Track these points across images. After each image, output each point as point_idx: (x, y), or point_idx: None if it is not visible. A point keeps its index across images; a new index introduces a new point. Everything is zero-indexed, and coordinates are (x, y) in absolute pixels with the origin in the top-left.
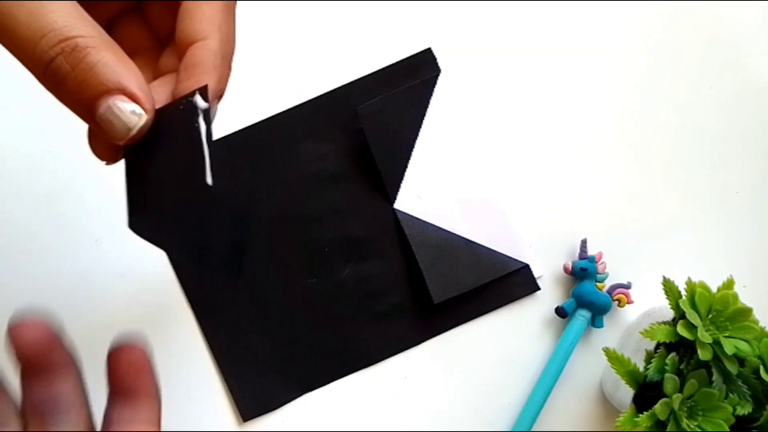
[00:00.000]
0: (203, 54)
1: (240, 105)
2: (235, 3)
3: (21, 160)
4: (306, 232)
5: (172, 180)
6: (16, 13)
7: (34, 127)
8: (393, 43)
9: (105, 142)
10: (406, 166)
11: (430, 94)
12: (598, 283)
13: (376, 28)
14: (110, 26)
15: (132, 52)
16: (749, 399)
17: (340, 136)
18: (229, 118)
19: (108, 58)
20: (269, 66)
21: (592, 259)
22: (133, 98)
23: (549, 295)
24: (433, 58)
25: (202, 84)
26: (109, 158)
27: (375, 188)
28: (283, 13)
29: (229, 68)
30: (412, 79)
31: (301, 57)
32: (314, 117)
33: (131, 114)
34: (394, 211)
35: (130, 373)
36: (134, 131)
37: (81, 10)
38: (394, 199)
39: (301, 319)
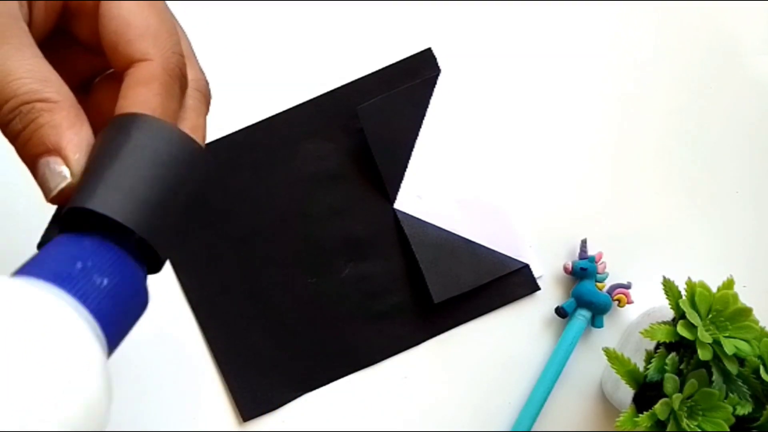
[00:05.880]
0: None
1: (240, 105)
2: (176, 83)
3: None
4: (306, 232)
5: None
6: None
7: None
8: (393, 43)
9: None
10: (406, 166)
11: (430, 94)
12: (598, 283)
13: (376, 28)
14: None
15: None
16: (749, 399)
17: (340, 136)
18: (229, 118)
19: (58, 121)
20: (269, 66)
21: (592, 259)
22: (66, 161)
23: (549, 295)
24: (433, 58)
25: None
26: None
27: (375, 188)
28: (284, 13)
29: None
30: (412, 79)
31: (301, 57)
32: (314, 117)
33: (58, 175)
34: (394, 211)
35: None
36: (54, 192)
37: (49, 69)
38: (394, 199)
39: (302, 319)
